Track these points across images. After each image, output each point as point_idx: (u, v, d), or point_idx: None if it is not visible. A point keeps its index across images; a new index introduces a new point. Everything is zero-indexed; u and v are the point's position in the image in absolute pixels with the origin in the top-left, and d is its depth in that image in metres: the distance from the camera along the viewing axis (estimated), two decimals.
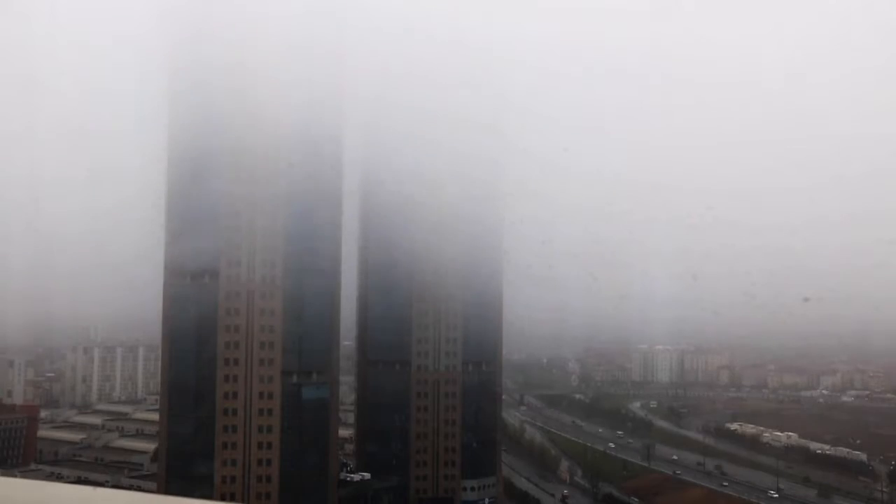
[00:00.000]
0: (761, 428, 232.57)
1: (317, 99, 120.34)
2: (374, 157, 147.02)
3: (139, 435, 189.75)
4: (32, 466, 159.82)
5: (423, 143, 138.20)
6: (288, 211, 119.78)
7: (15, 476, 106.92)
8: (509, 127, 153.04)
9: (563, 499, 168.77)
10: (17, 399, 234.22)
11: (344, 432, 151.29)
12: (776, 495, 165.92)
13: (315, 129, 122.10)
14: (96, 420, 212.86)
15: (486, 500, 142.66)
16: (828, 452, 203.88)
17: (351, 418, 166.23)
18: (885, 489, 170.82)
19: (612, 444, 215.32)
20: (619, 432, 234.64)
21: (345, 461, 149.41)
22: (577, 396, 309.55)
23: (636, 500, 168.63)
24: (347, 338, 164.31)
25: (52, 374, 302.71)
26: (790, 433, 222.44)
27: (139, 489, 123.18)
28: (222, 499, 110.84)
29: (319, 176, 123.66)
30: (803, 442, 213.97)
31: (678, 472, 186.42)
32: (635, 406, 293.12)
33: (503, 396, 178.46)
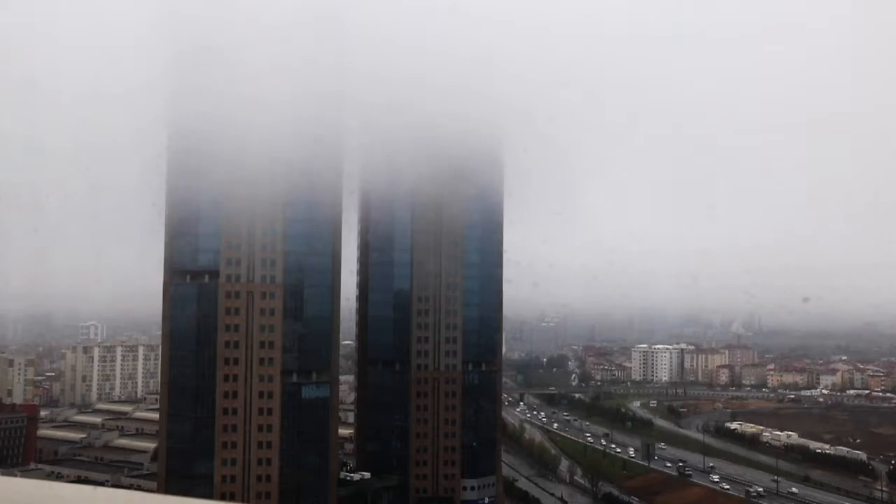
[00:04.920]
0: (761, 427, 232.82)
1: (316, 91, 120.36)
2: (373, 154, 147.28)
3: (139, 434, 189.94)
4: (32, 466, 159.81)
5: (422, 143, 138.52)
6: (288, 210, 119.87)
7: (15, 475, 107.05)
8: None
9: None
10: (17, 398, 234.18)
11: (344, 432, 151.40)
12: None
13: (315, 126, 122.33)
14: (96, 419, 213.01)
15: (486, 500, 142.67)
16: (828, 452, 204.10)
17: (351, 418, 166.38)
18: (884, 489, 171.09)
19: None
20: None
21: (345, 460, 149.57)
22: (577, 395, 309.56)
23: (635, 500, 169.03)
24: (347, 338, 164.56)
25: (52, 374, 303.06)
26: (790, 433, 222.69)
27: (139, 488, 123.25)
28: (222, 498, 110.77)
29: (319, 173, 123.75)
30: (803, 441, 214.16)
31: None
32: (635, 405, 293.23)
33: (503, 396, 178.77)
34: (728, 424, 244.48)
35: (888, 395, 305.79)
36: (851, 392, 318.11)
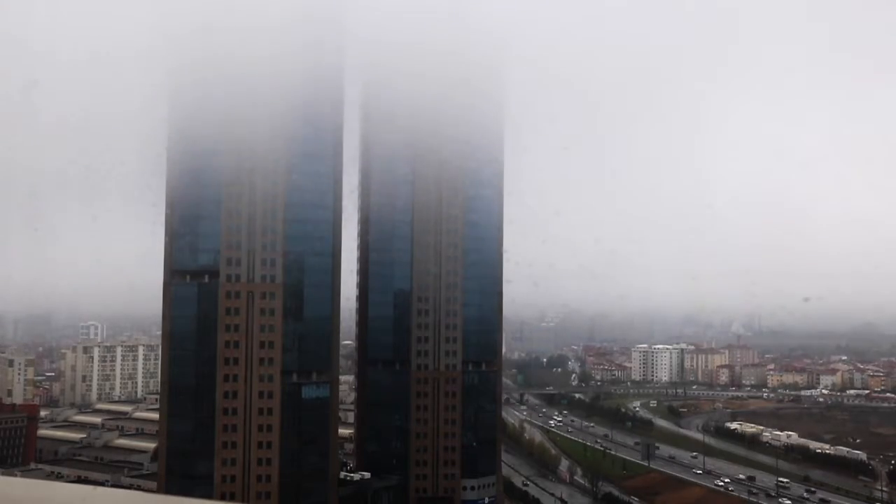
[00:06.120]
0: (761, 427, 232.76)
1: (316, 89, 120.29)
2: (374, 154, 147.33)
3: (139, 434, 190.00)
4: (32, 465, 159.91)
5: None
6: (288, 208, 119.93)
7: (15, 475, 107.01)
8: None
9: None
10: (17, 398, 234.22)
11: (344, 432, 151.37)
12: None
13: (314, 125, 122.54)
14: (96, 419, 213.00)
15: (486, 500, 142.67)
16: (828, 452, 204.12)
17: (351, 418, 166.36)
18: (884, 488, 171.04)
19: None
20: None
21: (345, 460, 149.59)
22: (577, 395, 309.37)
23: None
24: (347, 338, 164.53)
25: (52, 374, 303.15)
26: (790, 433, 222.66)
27: (139, 488, 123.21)
28: (222, 498, 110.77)
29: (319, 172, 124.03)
30: (803, 441, 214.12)
31: None
32: (635, 405, 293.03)
33: (503, 396, 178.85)
34: (728, 424, 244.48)
35: (888, 395, 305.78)
36: (851, 392, 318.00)
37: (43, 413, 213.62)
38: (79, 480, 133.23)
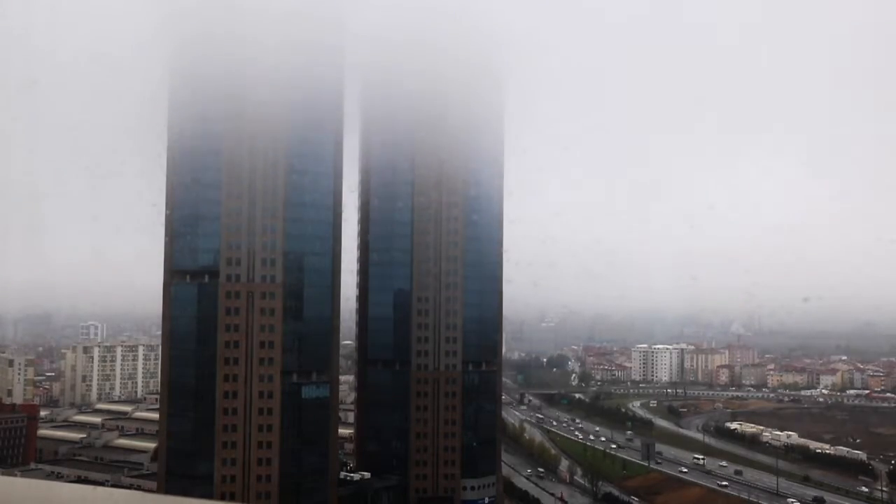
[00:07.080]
0: (761, 427, 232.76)
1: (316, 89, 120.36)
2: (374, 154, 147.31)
3: (139, 434, 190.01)
4: (32, 465, 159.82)
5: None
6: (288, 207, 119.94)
7: (15, 475, 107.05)
8: None
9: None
10: (17, 398, 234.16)
11: (344, 432, 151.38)
12: None
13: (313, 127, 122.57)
14: (96, 419, 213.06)
15: (486, 500, 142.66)
16: (828, 452, 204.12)
17: (351, 418, 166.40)
18: (884, 488, 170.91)
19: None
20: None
21: (345, 460, 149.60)
22: (577, 395, 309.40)
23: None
24: (347, 338, 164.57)
25: (52, 374, 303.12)
26: (790, 433, 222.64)
27: (139, 488, 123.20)
28: (222, 498, 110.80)
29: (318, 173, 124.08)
30: (803, 441, 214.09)
31: None
32: (635, 405, 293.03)
33: (503, 396, 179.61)
34: (728, 424, 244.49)
35: (888, 395, 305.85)
36: (851, 392, 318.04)
37: (43, 413, 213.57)
38: (79, 480, 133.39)
